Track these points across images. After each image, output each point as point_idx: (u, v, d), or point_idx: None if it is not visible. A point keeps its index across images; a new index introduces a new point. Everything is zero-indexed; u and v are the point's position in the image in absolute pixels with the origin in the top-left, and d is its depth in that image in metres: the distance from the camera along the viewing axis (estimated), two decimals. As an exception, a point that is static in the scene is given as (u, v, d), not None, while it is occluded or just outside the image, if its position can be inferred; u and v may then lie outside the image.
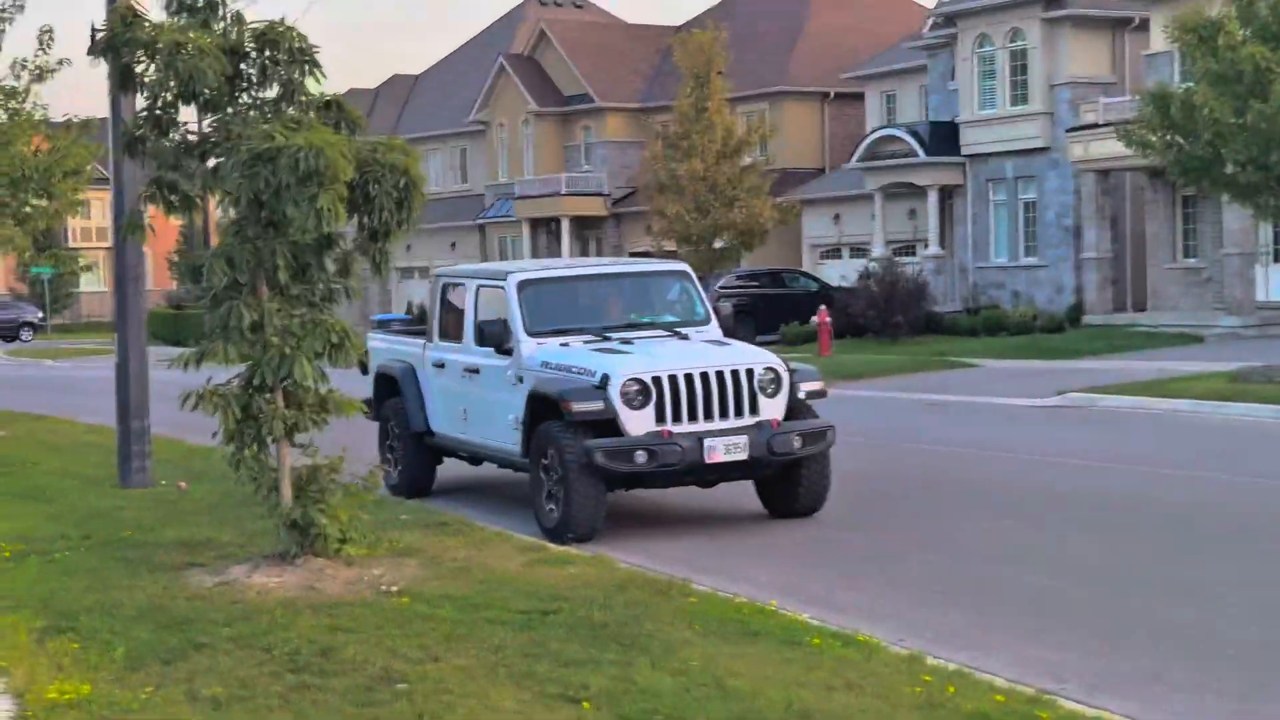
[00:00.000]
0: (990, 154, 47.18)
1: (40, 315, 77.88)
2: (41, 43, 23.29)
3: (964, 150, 47.68)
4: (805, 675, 8.13)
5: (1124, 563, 12.19)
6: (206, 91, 11.18)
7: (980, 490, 16.30)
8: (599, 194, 62.23)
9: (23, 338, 73.81)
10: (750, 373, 13.86)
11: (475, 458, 16.08)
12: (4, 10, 22.92)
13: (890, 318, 41.99)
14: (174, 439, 20.47)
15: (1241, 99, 24.34)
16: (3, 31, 23.08)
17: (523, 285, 14.98)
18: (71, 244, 76.03)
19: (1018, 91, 46.17)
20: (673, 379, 13.56)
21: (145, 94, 11.59)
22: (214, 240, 65.30)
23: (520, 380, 14.45)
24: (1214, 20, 25.61)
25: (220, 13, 11.46)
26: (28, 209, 23.58)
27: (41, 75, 23.31)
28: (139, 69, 11.50)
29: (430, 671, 8.39)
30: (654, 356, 13.89)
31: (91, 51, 11.48)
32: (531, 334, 14.63)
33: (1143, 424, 22.79)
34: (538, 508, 13.97)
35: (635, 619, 9.54)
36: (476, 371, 15.35)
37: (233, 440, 11.36)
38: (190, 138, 11.69)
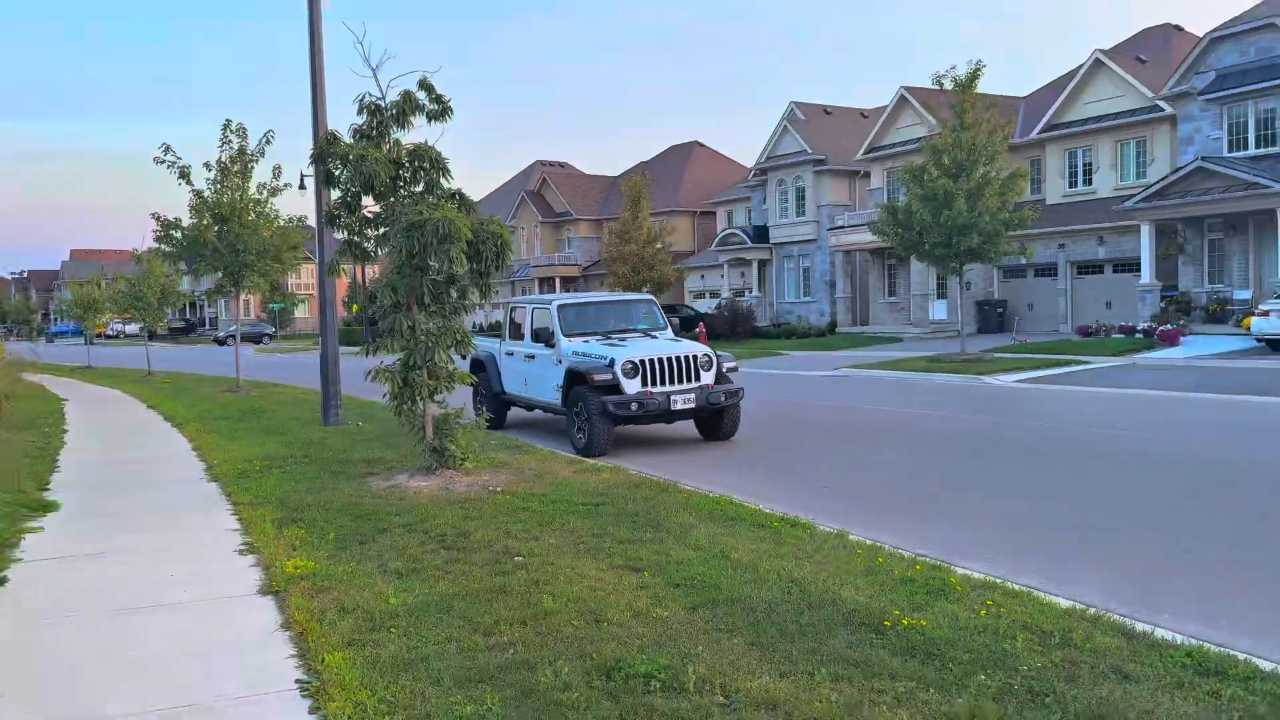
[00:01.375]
0: (786, 242, 45.95)
1: (273, 330, 76.28)
2: (274, 173, 21.63)
3: (772, 240, 46.51)
4: (776, 549, 6.62)
5: (922, 465, 10.71)
6: (379, 187, 9.54)
7: (818, 424, 14.84)
8: (575, 264, 60.90)
9: (264, 342, 71.68)
10: (695, 357, 12.50)
11: (530, 407, 14.56)
12: (252, 155, 21.14)
13: (734, 329, 40.71)
14: (352, 397, 18.67)
15: (935, 210, 23.37)
16: (254, 167, 21.31)
17: (561, 307, 13.57)
18: (291, 290, 74.77)
19: (799, 209, 45.10)
20: (651, 361, 12.23)
21: (339, 188, 9.90)
22: (368, 285, 63.56)
23: (560, 362, 13.08)
24: (920, 165, 24.57)
25: (387, 138, 9.79)
26: (266, 268, 21.89)
27: (275, 192, 21.67)
28: (336, 172, 9.81)
29: (534, 548, 6.80)
30: (638, 348, 12.47)
31: (311, 160, 9.76)
32: (567, 335, 13.20)
33: (888, 385, 21.44)
34: (571, 436, 12.50)
35: (655, 509, 7.98)
36: (533, 357, 13.86)
37: (396, 398, 9.73)
38: (368, 215, 9.99)
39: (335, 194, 10.17)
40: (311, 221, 22.95)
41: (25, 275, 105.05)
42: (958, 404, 17.01)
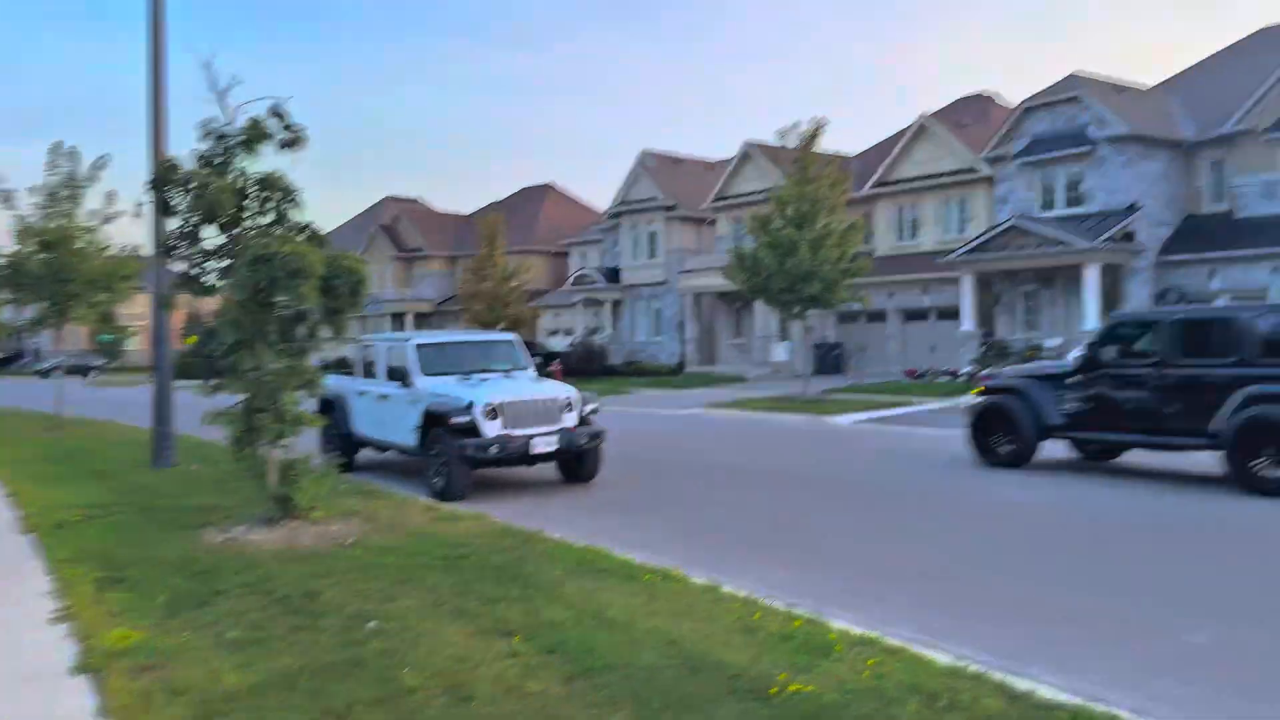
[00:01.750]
0: (638, 284, 46.09)
1: (103, 362, 71.18)
2: (108, 200, 19.92)
3: (624, 281, 46.56)
4: (651, 605, 6.14)
5: (779, 507, 10.48)
6: (222, 217, 8.67)
7: (675, 463, 14.50)
8: (428, 300, 59.38)
9: (93, 375, 66.59)
10: (556, 399, 11.98)
11: (383, 449, 13.68)
12: (83, 181, 19.43)
13: (588, 366, 40.27)
14: (188, 436, 17.19)
15: (781, 258, 23.76)
16: (84, 193, 19.57)
17: (418, 346, 12.82)
18: (121, 322, 69.96)
19: (651, 252, 45.43)
20: (512, 403, 11.62)
21: (178, 217, 8.95)
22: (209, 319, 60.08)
23: (416, 402, 12.31)
24: (767, 215, 24.94)
25: (233, 166, 8.94)
26: (97, 299, 20.08)
27: (108, 219, 19.96)
28: (174, 201, 8.87)
29: (391, 611, 6.10)
30: (499, 389, 11.87)
31: (147, 186, 8.78)
32: (424, 374, 12.47)
33: (739, 424, 21.44)
34: (428, 480, 11.77)
35: (520, 561, 7.39)
36: (387, 397, 13.02)
37: (237, 444, 8.81)
38: (209, 247, 9.08)
39: (174, 223, 9.20)
40: (148, 251, 21.37)
41: None
42: (806, 444, 17.07)
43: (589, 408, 12.37)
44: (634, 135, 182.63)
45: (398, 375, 12.76)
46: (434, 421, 11.81)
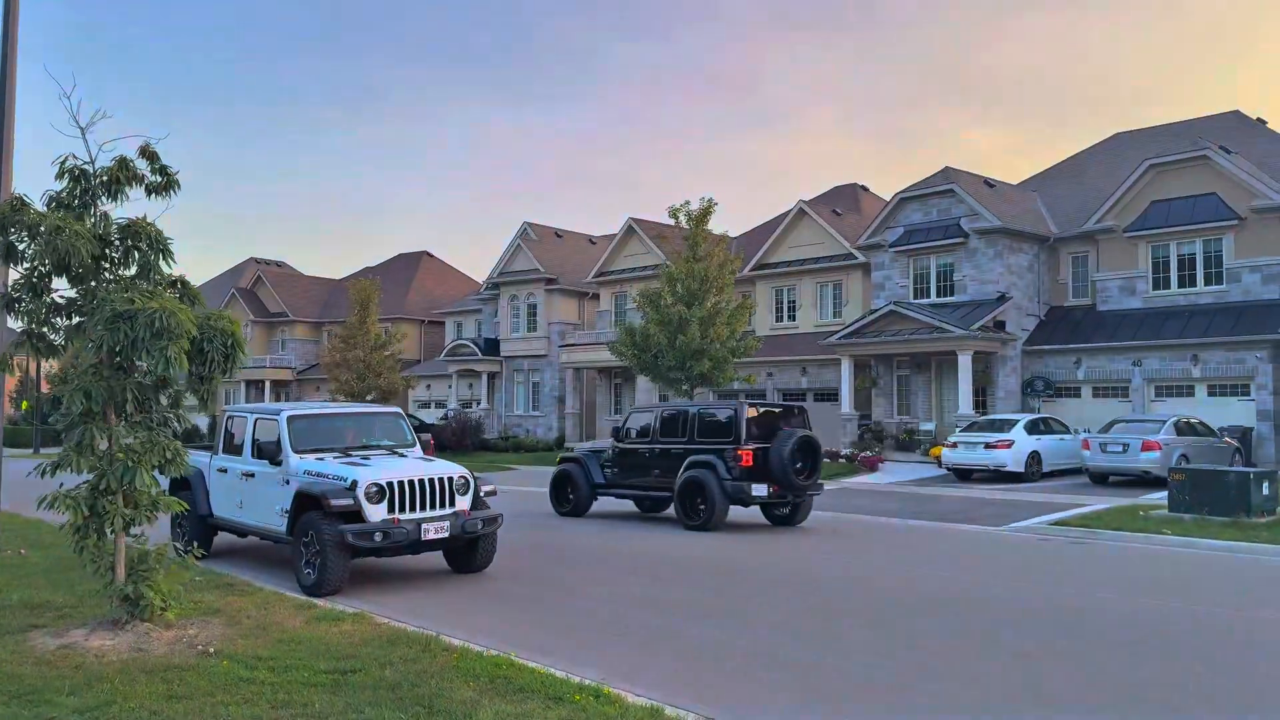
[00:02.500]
0: (516, 356, 45.21)
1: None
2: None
3: (503, 353, 45.60)
4: (584, 733, 5.25)
5: (681, 598, 9.71)
6: (77, 267, 7.49)
7: (565, 548, 13.55)
8: (289, 367, 56.61)
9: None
10: (450, 479, 10.94)
11: (243, 533, 12.26)
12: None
13: (462, 440, 38.74)
14: (15, 514, 15.22)
15: (671, 334, 23.43)
16: None
17: (291, 419, 11.57)
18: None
19: (531, 325, 44.69)
20: (400, 484, 10.55)
21: (24, 266, 7.70)
22: (45, 385, 55.38)
23: (287, 482, 11.06)
24: (657, 291, 24.69)
25: (93, 210, 7.79)
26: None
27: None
28: (20, 246, 7.62)
29: (269, 747, 5.00)
30: (385, 468, 10.76)
31: None
32: (297, 451, 11.23)
33: (615, 505, 20.61)
34: (298, 571, 10.46)
35: (421, 677, 6.33)
36: (252, 475, 11.70)
37: (78, 532, 7.49)
38: (59, 300, 7.82)
39: (15, 274, 7.92)
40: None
41: None
42: (695, 531, 16.41)
43: (485, 489, 11.38)
44: (511, 209, 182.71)
45: (265, 451, 11.45)
46: (308, 504, 10.59)
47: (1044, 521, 16.57)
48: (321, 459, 11.21)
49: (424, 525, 10.44)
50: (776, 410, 16.78)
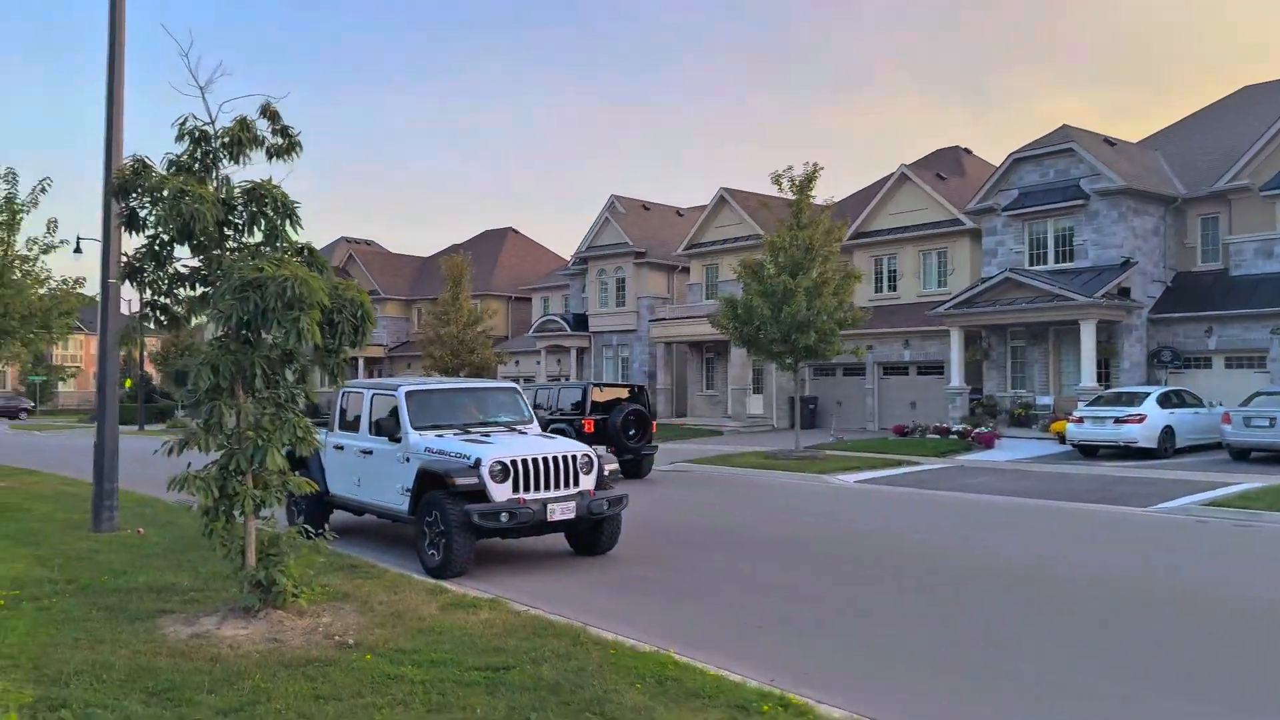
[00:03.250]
0: (605, 331, 44.77)
1: (31, 405, 67.57)
2: (49, 228, 18.05)
3: (591, 328, 45.22)
4: (784, 751, 4.59)
5: (833, 587, 9.02)
6: (200, 234, 7.06)
7: (684, 528, 12.93)
8: (381, 345, 57.20)
9: (20, 418, 62.94)
10: (574, 458, 10.39)
11: (360, 511, 11.92)
12: (22, 205, 17.54)
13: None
14: (130, 491, 15.23)
15: (775, 306, 22.54)
16: (23, 218, 17.66)
17: (410, 394, 11.14)
18: (55, 362, 66.82)
19: (620, 299, 44.16)
20: (524, 461, 10.04)
21: (146, 233, 7.31)
22: (148, 364, 56.88)
23: (408, 460, 10.67)
24: (760, 262, 23.78)
25: (215, 173, 7.35)
26: (31, 336, 18.08)
27: (47, 250, 18.07)
28: (142, 213, 7.23)
29: (438, 760, 4.46)
30: (508, 446, 10.26)
31: (112, 193, 7.12)
32: (416, 428, 10.81)
33: (734, 482, 19.91)
34: (421, 552, 10.06)
35: (580, 676, 5.76)
36: (370, 453, 11.34)
37: (207, 514, 7.10)
38: (182, 270, 7.42)
39: (139, 241, 7.53)
40: (89, 288, 19.45)
41: None
42: (817, 507, 15.64)
43: (608, 468, 10.81)
44: (594, 185, 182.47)
45: (384, 428, 11.08)
46: (431, 483, 10.16)
47: (1195, 501, 15.36)
48: (441, 435, 10.79)
49: (550, 505, 9.93)
50: (620, 389, 21.28)
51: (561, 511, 9.99)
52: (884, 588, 9.20)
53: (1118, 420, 21.98)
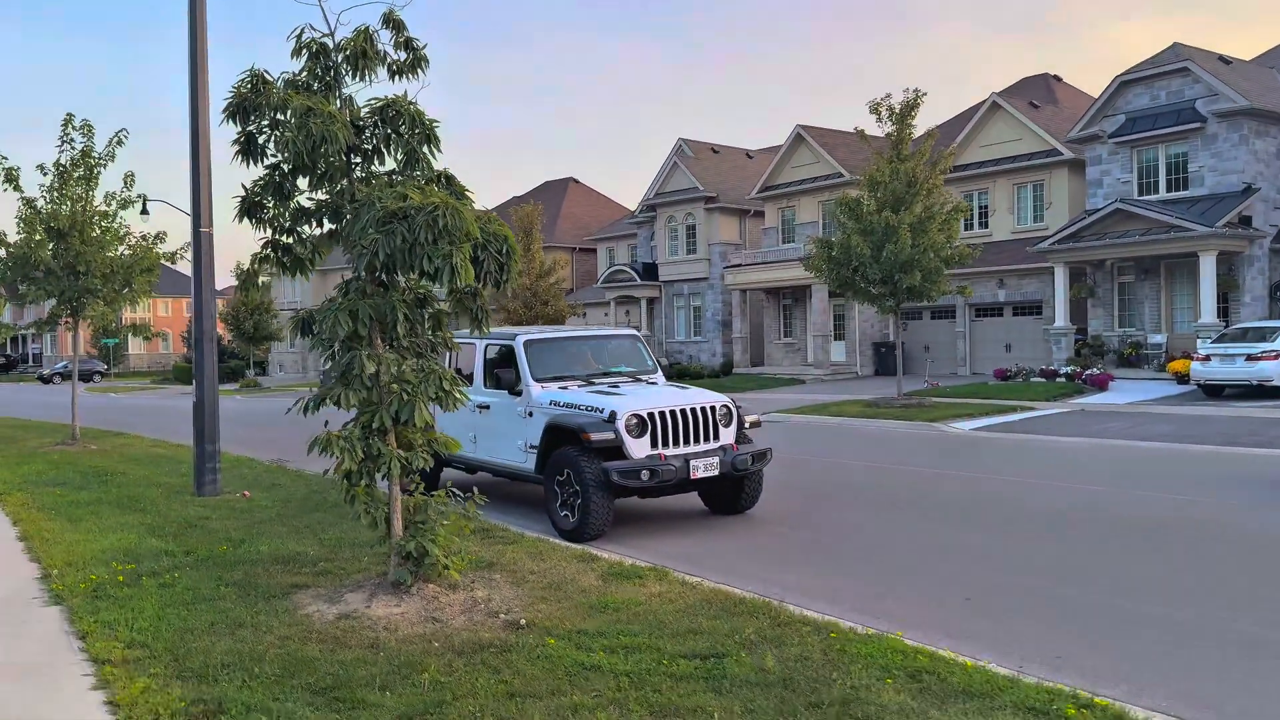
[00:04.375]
0: (676, 280, 43.65)
1: (105, 367, 68.74)
2: (125, 182, 17.42)
3: (661, 277, 44.11)
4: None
5: (1014, 548, 8.04)
6: (327, 162, 6.17)
7: (815, 484, 12.01)
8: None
9: (95, 380, 64.02)
10: (714, 409, 9.46)
11: (474, 469, 11.17)
12: (99, 159, 16.94)
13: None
14: (224, 451, 14.68)
15: (875, 245, 21.26)
16: (100, 173, 17.08)
17: (529, 344, 10.28)
18: (125, 323, 67.69)
19: (690, 246, 42.93)
20: (662, 414, 9.15)
21: (265, 162, 6.44)
22: (219, 325, 57.03)
23: (530, 415, 9.83)
24: (856, 198, 22.47)
25: (338, 92, 6.44)
26: (115, 294, 17.58)
27: (126, 204, 17.47)
28: (261, 138, 6.37)
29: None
30: (642, 397, 9.38)
31: (226, 113, 6.23)
32: (537, 380, 9.96)
33: (842, 433, 18.92)
34: (552, 513, 9.25)
35: (810, 667, 4.85)
36: (487, 408, 10.52)
37: (348, 479, 6.31)
38: (306, 204, 6.56)
39: (256, 173, 6.67)
40: (169, 244, 18.91)
41: None
42: (941, 457, 14.60)
43: (749, 420, 9.87)
44: (651, 133, 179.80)
45: (502, 381, 10.26)
46: (560, 439, 9.33)
47: (1370, 444, 14.02)
48: (565, 388, 9.94)
49: (692, 462, 9.03)
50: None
51: (705, 468, 9.09)
52: (1090, 549, 8.17)
53: (1250, 357, 20.46)
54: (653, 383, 10.38)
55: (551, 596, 6.41)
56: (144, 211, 36.48)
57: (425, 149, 6.18)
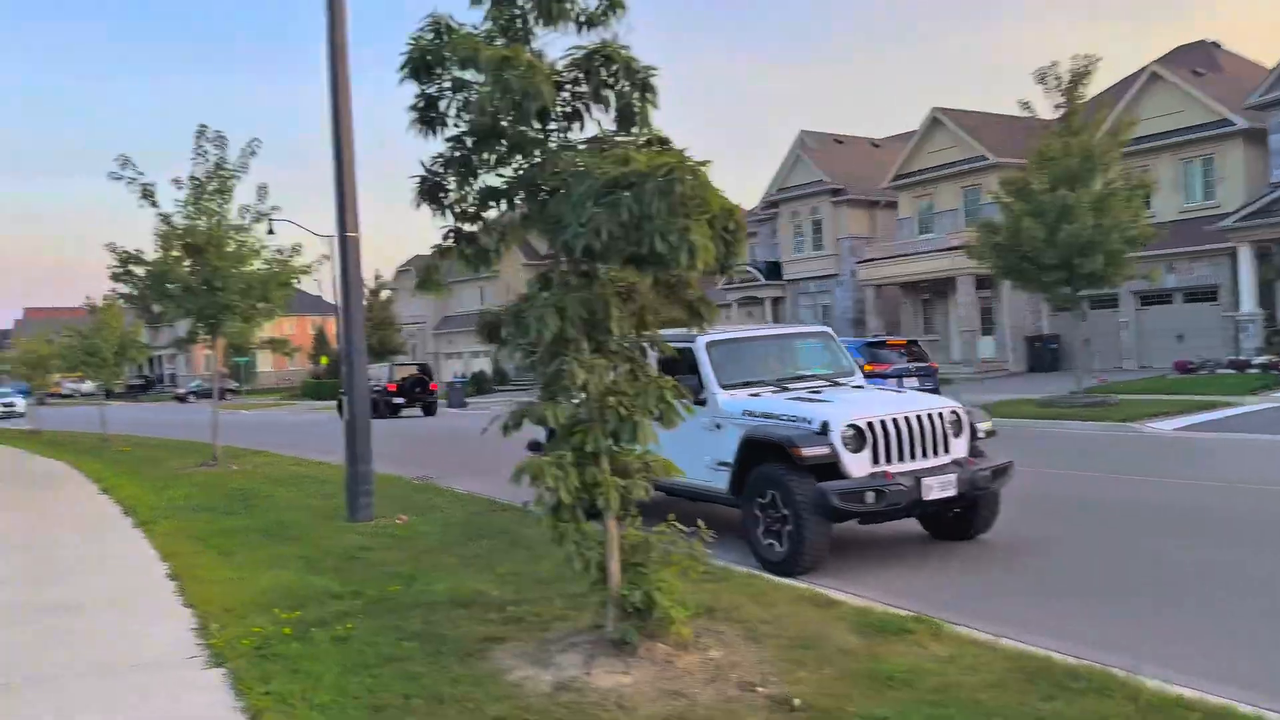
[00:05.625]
0: (802, 278, 42.08)
1: (236, 384, 70.79)
2: (259, 194, 17.01)
3: (785, 276, 42.62)
4: None
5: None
6: (514, 132, 5.04)
7: (1039, 498, 10.34)
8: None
9: (226, 398, 65.93)
10: (942, 415, 8.03)
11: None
12: (233, 171, 16.51)
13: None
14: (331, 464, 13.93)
15: (1049, 227, 19.35)
16: (235, 184, 16.67)
17: (711, 345, 9.02)
18: (261, 338, 69.63)
19: (816, 242, 41.27)
20: (883, 423, 7.74)
21: (447, 133, 5.35)
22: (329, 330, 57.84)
23: (718, 426, 8.56)
24: (1024, 178, 20.59)
25: (526, 46, 5.31)
26: (253, 310, 17.13)
27: (260, 217, 17.04)
28: (443, 103, 5.28)
29: None
30: (856, 404, 8.04)
31: (404, 69, 5.15)
32: (723, 386, 8.70)
33: (1025, 436, 16.97)
34: (754, 542, 7.96)
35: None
36: (662, 419, 9.28)
37: (556, 513, 5.15)
38: (496, 183, 5.43)
39: (436, 147, 5.54)
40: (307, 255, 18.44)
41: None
42: (1165, 463, 12.78)
43: (982, 427, 8.40)
44: (763, 127, 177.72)
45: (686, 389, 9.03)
46: (761, 454, 8.05)
47: None
48: (756, 395, 8.66)
49: (924, 480, 7.62)
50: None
51: (940, 487, 7.67)
52: None
53: None
54: (858, 386, 9.02)
55: (807, 660, 5.13)
56: (270, 231, 36.98)
57: (643, 103, 4.97)
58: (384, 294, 59.53)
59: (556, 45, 5.41)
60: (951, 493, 7.73)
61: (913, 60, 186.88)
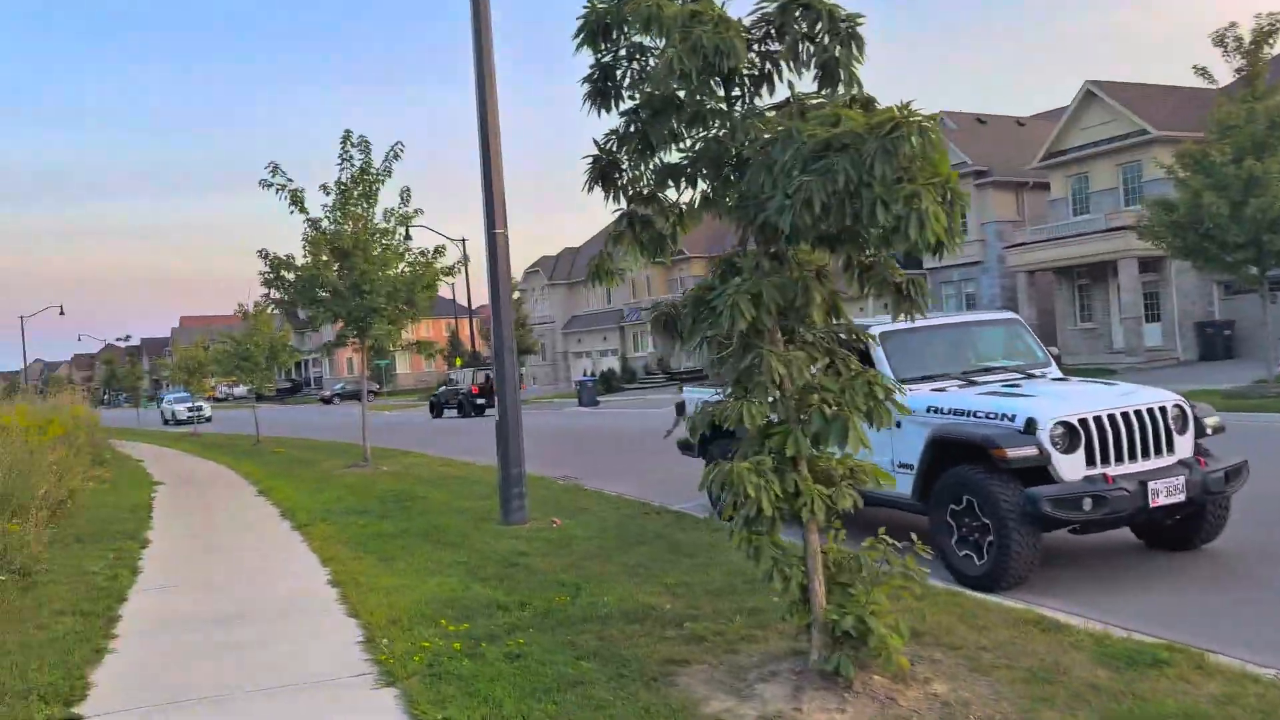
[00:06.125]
0: (942, 265, 40.22)
1: (378, 387, 73.12)
2: (403, 197, 17.07)
3: (925, 264, 40.88)
4: None
5: None
6: (715, 85, 4.51)
7: (1253, 505, 9.22)
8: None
9: (369, 399, 68.07)
10: (1164, 410, 7.11)
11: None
12: (378, 175, 16.61)
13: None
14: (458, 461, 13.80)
15: (1233, 202, 17.70)
16: (379, 188, 16.78)
17: (887, 335, 8.28)
18: (407, 340, 71.78)
19: (961, 227, 39.45)
20: (1098, 420, 6.88)
21: (621, 106, 4.85)
22: (479, 343, 58.85)
23: (898, 425, 7.78)
24: (1203, 150, 18.93)
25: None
26: (399, 313, 17.23)
27: (404, 220, 17.13)
28: (619, 71, 4.80)
29: None
30: (1063, 398, 7.19)
31: (578, 37, 4.68)
32: (904, 380, 7.94)
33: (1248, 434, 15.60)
34: (948, 553, 7.17)
35: None
36: (835, 417, 8.59)
37: (750, 525, 4.58)
38: (676, 159, 4.90)
39: (610, 123, 5.06)
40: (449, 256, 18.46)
41: (127, 339, 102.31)
42: None
43: (1209, 421, 7.43)
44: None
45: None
46: (951, 455, 7.30)
47: None
48: (944, 390, 7.89)
49: (1150, 484, 6.72)
50: None
51: (1168, 491, 6.77)
52: None
53: None
54: (1059, 379, 8.15)
55: (1051, 696, 4.42)
56: (407, 236, 37.76)
57: (848, 57, 4.35)
58: (515, 294, 60.35)
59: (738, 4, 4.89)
60: (1180, 498, 6.82)
61: (1055, 37, 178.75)
